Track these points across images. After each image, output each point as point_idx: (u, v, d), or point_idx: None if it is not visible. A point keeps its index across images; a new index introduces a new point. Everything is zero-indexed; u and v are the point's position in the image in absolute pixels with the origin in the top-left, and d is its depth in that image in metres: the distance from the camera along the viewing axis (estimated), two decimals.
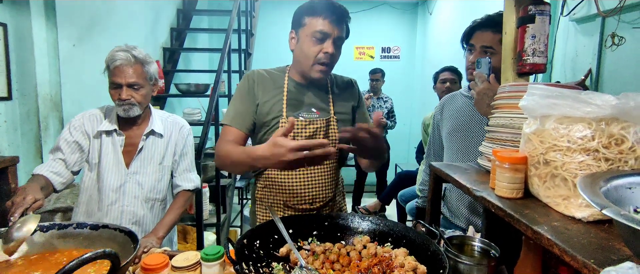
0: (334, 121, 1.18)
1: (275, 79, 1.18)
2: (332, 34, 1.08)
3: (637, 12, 1.63)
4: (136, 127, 1.35)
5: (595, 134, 0.58)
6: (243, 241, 0.80)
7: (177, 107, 3.75)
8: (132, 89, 1.26)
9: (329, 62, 1.10)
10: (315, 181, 1.17)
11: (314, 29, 1.07)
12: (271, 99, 1.14)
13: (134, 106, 1.27)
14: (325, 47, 1.08)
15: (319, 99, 1.18)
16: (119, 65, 1.23)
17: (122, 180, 1.30)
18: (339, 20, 1.09)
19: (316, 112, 1.16)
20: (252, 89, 1.15)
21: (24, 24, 1.88)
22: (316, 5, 1.09)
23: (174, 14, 3.73)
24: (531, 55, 0.94)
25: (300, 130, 1.13)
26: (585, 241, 0.52)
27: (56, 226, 0.94)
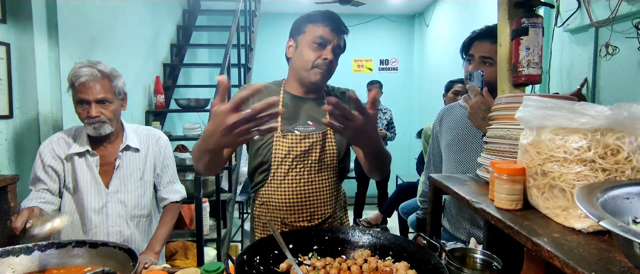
0: (331, 133, 1.16)
1: (271, 93, 1.17)
2: (333, 41, 1.11)
3: (629, 22, 1.66)
4: (110, 145, 1.30)
5: (591, 144, 0.59)
6: (243, 257, 0.80)
7: (178, 122, 3.76)
8: (101, 105, 1.21)
9: (327, 68, 1.12)
10: (314, 197, 1.15)
11: (315, 35, 1.10)
12: None
13: (104, 124, 1.22)
14: (324, 53, 1.10)
15: (316, 112, 1.17)
16: (84, 81, 1.18)
17: (103, 201, 1.26)
18: (339, 30, 1.12)
19: (312, 124, 1.15)
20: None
21: (27, 43, 1.91)
22: (318, 14, 1.13)
23: (173, 31, 3.79)
24: (526, 66, 0.96)
25: (296, 144, 1.11)
26: (585, 253, 0.52)
27: (55, 245, 0.93)
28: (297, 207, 1.14)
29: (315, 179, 1.15)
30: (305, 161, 1.13)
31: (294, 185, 1.13)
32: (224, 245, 2.60)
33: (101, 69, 1.22)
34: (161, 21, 3.44)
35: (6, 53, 1.83)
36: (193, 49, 4.17)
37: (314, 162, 1.13)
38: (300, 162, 1.12)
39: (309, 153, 1.13)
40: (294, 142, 1.11)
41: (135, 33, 2.93)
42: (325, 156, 1.15)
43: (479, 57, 1.22)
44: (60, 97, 2.07)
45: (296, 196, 1.13)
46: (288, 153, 1.11)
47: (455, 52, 4.50)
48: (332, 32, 1.11)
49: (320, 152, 1.14)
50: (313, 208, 1.15)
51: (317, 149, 1.13)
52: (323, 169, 1.16)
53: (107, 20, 2.53)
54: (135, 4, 2.93)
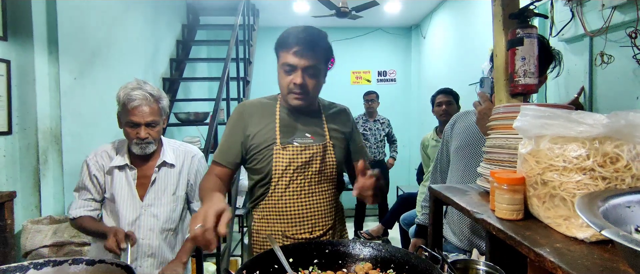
0: (330, 145, 1.17)
1: (267, 107, 1.18)
2: (299, 65, 1.07)
3: (622, 31, 1.68)
4: (148, 160, 1.36)
5: (590, 153, 0.59)
6: (242, 271, 0.78)
7: (177, 135, 3.76)
8: (150, 127, 1.28)
9: (300, 91, 1.10)
10: (315, 209, 1.15)
11: (283, 61, 1.09)
12: (264, 128, 1.14)
13: (150, 144, 1.30)
14: (294, 78, 1.08)
15: (313, 125, 1.18)
16: (137, 105, 1.25)
17: (137, 213, 1.31)
18: (305, 51, 1.07)
19: (310, 137, 1.15)
20: (241, 121, 1.16)
21: (27, 60, 1.92)
22: (285, 38, 1.09)
23: (173, 45, 3.82)
24: (522, 76, 0.96)
25: (296, 156, 1.11)
26: (589, 263, 0.51)
27: (51, 263, 0.92)
28: (299, 219, 1.13)
29: (316, 190, 1.15)
30: (305, 172, 1.13)
31: (296, 197, 1.13)
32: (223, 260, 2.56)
33: (151, 92, 1.28)
34: (160, 36, 3.48)
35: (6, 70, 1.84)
36: (192, 63, 4.20)
37: (314, 174, 1.14)
38: (301, 173, 1.13)
39: (309, 164, 1.13)
40: (294, 153, 1.11)
41: (135, 48, 2.96)
42: (325, 168, 1.16)
43: None
44: (59, 113, 2.07)
45: (297, 208, 1.13)
46: (289, 165, 1.11)
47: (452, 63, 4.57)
48: (298, 55, 1.06)
49: (321, 164, 1.14)
50: (314, 220, 1.15)
51: (318, 160, 1.14)
52: (323, 181, 1.16)
53: (106, 35, 2.56)
54: (134, 19, 2.96)
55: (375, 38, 5.58)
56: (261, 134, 1.14)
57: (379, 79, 5.66)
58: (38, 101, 1.95)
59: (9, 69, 1.84)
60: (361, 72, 5.62)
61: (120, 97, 1.26)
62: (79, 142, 2.19)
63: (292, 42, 1.07)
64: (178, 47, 3.89)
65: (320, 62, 1.11)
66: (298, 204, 1.13)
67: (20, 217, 1.83)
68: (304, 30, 1.09)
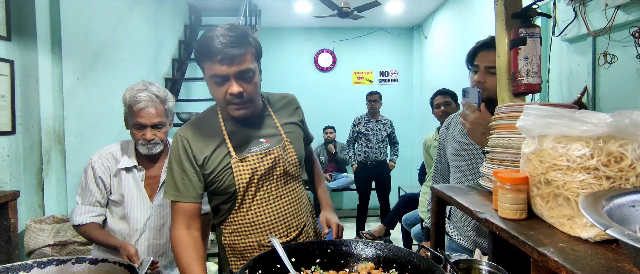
0: (288, 143, 1.10)
1: (209, 124, 1.08)
2: (229, 72, 0.95)
3: (626, 30, 1.67)
4: (156, 160, 1.36)
5: (594, 152, 0.58)
6: (245, 271, 0.78)
7: None
8: (156, 128, 1.28)
9: (240, 100, 0.99)
10: (286, 211, 1.09)
11: (210, 74, 0.97)
12: (214, 149, 1.04)
13: (157, 145, 1.29)
14: (229, 88, 0.97)
15: (265, 126, 1.10)
16: (143, 107, 1.24)
17: (148, 214, 1.31)
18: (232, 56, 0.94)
19: (266, 141, 1.07)
20: (187, 150, 1.04)
21: (31, 60, 1.93)
22: (205, 46, 0.96)
23: (175, 45, 3.84)
24: (525, 76, 0.96)
25: (257, 164, 1.03)
26: (593, 263, 0.51)
27: (54, 262, 0.92)
28: (272, 225, 1.07)
29: (283, 193, 1.09)
30: (270, 177, 1.06)
31: (265, 204, 1.06)
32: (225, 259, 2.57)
33: (157, 94, 1.27)
34: (163, 36, 3.50)
35: (10, 70, 1.85)
36: (194, 64, 4.20)
37: (279, 177, 1.07)
38: (266, 180, 1.06)
39: (273, 169, 1.06)
40: (255, 162, 1.03)
41: (138, 48, 2.97)
42: (288, 167, 1.09)
43: (484, 68, 1.22)
44: (62, 113, 2.08)
45: (268, 215, 1.06)
46: (252, 176, 1.03)
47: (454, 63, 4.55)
48: (225, 63, 0.94)
49: (284, 165, 1.08)
50: (288, 223, 1.10)
51: (281, 162, 1.06)
52: (289, 181, 1.11)
53: (109, 36, 2.57)
54: (137, 19, 2.97)
55: (377, 38, 5.58)
56: (214, 157, 1.03)
57: (380, 80, 5.66)
58: (41, 101, 1.96)
59: (12, 69, 1.85)
60: (363, 73, 5.62)
61: (126, 99, 1.26)
62: (82, 142, 2.20)
63: (215, 49, 0.94)
64: (180, 48, 3.90)
65: (252, 62, 0.99)
66: (268, 211, 1.06)
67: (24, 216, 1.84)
68: (224, 33, 0.96)
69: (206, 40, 0.97)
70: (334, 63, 5.52)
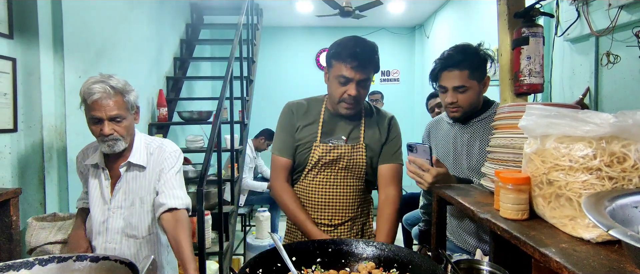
0: (362, 147, 1.26)
1: (313, 108, 1.30)
2: (354, 78, 1.15)
3: (629, 31, 1.66)
4: (120, 160, 1.27)
5: (597, 152, 0.58)
6: (245, 270, 0.78)
7: (180, 134, 3.78)
8: (114, 122, 1.19)
9: (352, 102, 1.20)
10: (337, 199, 1.26)
11: (337, 73, 1.16)
12: (308, 126, 1.27)
13: (118, 141, 1.20)
14: (348, 89, 1.17)
15: (351, 128, 1.28)
16: (97, 98, 1.15)
17: (105, 215, 1.25)
18: (362, 65, 1.14)
19: (344, 139, 1.26)
20: (291, 119, 1.29)
21: (33, 58, 1.93)
22: (342, 50, 1.16)
23: (177, 44, 3.83)
24: (528, 75, 0.96)
25: (326, 153, 1.24)
26: (595, 264, 0.51)
27: (55, 259, 0.92)
28: (321, 206, 1.27)
29: (340, 184, 1.27)
30: (333, 167, 1.26)
31: (321, 186, 1.26)
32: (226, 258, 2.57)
33: (113, 85, 1.18)
34: (165, 35, 3.50)
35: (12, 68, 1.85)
36: (196, 62, 4.21)
37: (340, 170, 1.26)
38: (328, 168, 1.26)
39: (337, 161, 1.25)
40: (324, 151, 1.24)
41: (139, 47, 2.97)
42: (353, 166, 1.26)
43: (452, 88, 1.20)
44: (64, 111, 2.08)
45: (321, 196, 1.26)
46: (319, 160, 1.25)
47: None
48: (354, 69, 1.14)
49: (348, 162, 1.25)
50: (335, 209, 1.27)
51: (345, 159, 1.25)
52: (349, 177, 1.27)
53: (111, 34, 2.57)
54: (139, 18, 2.98)
55: (378, 38, 5.56)
56: (305, 131, 1.27)
57: (382, 79, 5.65)
58: (43, 99, 1.96)
59: (14, 67, 1.86)
60: None
61: (82, 93, 1.17)
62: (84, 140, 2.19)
63: (350, 55, 1.14)
64: (182, 46, 3.90)
65: (372, 74, 1.21)
66: (322, 193, 1.26)
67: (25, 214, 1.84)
68: (360, 44, 1.16)
69: (345, 45, 1.16)
70: None
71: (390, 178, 1.29)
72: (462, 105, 1.21)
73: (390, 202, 1.27)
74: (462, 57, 1.16)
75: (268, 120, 5.30)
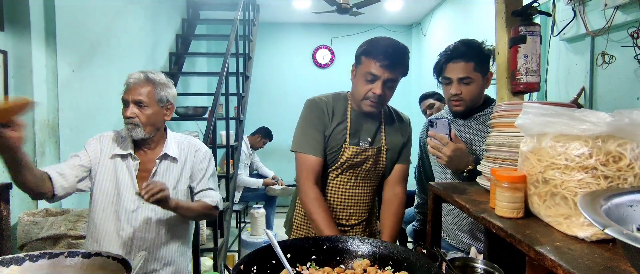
0: (384, 150, 1.26)
1: (340, 107, 1.26)
2: (382, 76, 1.14)
3: (624, 31, 1.67)
4: (150, 152, 1.33)
5: (593, 151, 0.58)
6: (240, 267, 0.78)
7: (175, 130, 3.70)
8: (138, 106, 1.24)
9: (376, 101, 1.18)
10: (355, 200, 1.27)
11: (366, 70, 1.15)
12: (338, 126, 1.24)
13: (137, 127, 1.25)
14: (374, 88, 1.15)
15: (373, 129, 1.27)
16: (131, 83, 1.26)
17: (136, 205, 1.28)
18: (392, 65, 1.14)
19: (369, 140, 1.26)
20: (322, 118, 1.23)
21: (24, 51, 1.90)
22: (373, 48, 1.16)
23: (172, 39, 3.80)
24: (524, 74, 0.96)
25: (353, 156, 1.22)
26: (589, 262, 0.51)
27: (47, 255, 0.91)
28: (339, 206, 1.27)
29: (360, 185, 1.27)
30: (355, 169, 1.25)
31: (341, 187, 1.26)
32: (220, 255, 2.56)
33: (149, 75, 1.27)
34: (160, 30, 3.46)
35: (3, 60, 1.82)
36: (192, 58, 4.18)
37: (362, 171, 1.26)
38: (352, 169, 1.25)
39: (361, 164, 1.24)
40: (353, 153, 1.22)
41: (134, 42, 2.94)
42: (374, 169, 1.27)
43: (457, 79, 1.21)
44: (57, 105, 2.05)
45: (341, 196, 1.26)
46: (345, 161, 1.23)
47: None
48: (383, 67, 1.13)
49: (371, 165, 1.25)
50: (353, 210, 1.27)
51: (370, 162, 1.25)
52: (368, 179, 1.28)
53: (106, 28, 2.54)
54: (134, 12, 2.94)
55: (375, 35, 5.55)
56: (336, 132, 1.23)
57: None
58: (35, 93, 1.93)
59: (5, 60, 1.83)
60: None
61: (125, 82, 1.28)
62: (77, 135, 2.18)
63: (381, 53, 1.13)
64: (177, 42, 3.87)
65: (400, 77, 1.20)
66: (342, 193, 1.26)
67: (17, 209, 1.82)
68: (393, 44, 1.16)
69: (377, 43, 1.16)
70: (332, 59, 5.49)
71: (400, 178, 1.33)
72: (465, 97, 1.21)
73: (399, 198, 1.31)
74: (468, 49, 1.18)
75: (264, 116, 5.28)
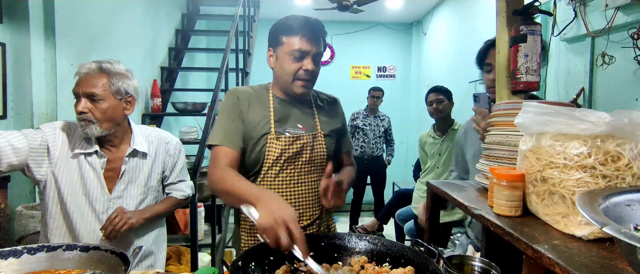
0: (321, 136, 1.18)
1: (260, 95, 1.16)
2: (311, 51, 1.09)
3: (624, 32, 1.67)
4: (115, 149, 1.24)
5: (591, 151, 0.58)
6: (238, 262, 0.78)
7: (174, 125, 3.74)
8: (91, 100, 1.12)
9: (309, 78, 1.11)
10: (303, 198, 1.15)
11: (291, 48, 1.08)
12: (258, 115, 1.12)
13: (91, 123, 1.13)
14: (304, 64, 1.09)
15: (305, 115, 1.18)
16: (82, 74, 1.13)
17: (105, 206, 1.21)
18: (316, 37, 1.10)
19: (302, 128, 1.15)
20: (237, 106, 1.12)
21: (23, 44, 1.89)
22: (292, 24, 1.09)
23: (172, 34, 3.78)
24: (524, 73, 0.96)
25: (288, 146, 1.11)
26: (587, 261, 0.51)
27: (45, 248, 0.91)
28: None
29: (305, 180, 1.15)
30: (295, 162, 1.13)
31: (285, 186, 1.12)
32: (218, 251, 2.57)
33: (102, 65, 1.15)
34: (160, 25, 3.44)
35: (2, 53, 1.81)
36: (191, 53, 4.16)
37: (303, 164, 1.14)
38: (291, 163, 1.13)
39: (300, 155, 1.13)
40: (286, 144, 1.11)
41: (134, 36, 2.92)
42: (315, 158, 1.16)
43: None
44: (55, 99, 2.05)
45: (286, 197, 1.12)
46: (280, 155, 1.11)
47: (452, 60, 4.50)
48: (310, 41, 1.08)
49: (311, 154, 1.15)
50: (302, 209, 1.15)
51: (308, 150, 1.14)
52: (312, 171, 1.17)
53: (105, 22, 2.52)
54: (134, 7, 2.92)
55: (375, 33, 5.55)
56: (255, 121, 1.11)
57: (378, 75, 5.64)
58: (34, 86, 1.92)
59: (4, 53, 1.82)
60: (361, 67, 5.60)
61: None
62: None
63: (303, 28, 1.08)
64: (177, 37, 3.85)
65: (323, 52, 1.14)
66: (287, 193, 1.12)
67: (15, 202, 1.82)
68: (307, 18, 1.10)
69: (293, 19, 1.09)
70: (332, 57, 5.49)
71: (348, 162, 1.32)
72: None
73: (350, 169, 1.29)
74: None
75: None
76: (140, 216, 1.21)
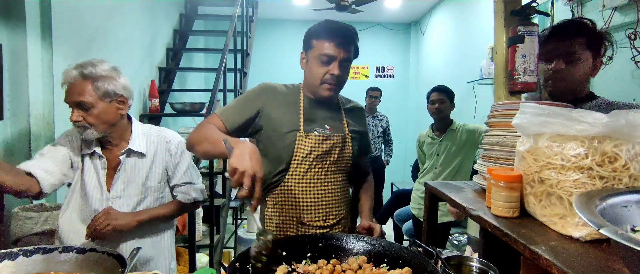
0: (349, 138, 1.21)
1: (291, 94, 1.21)
2: (338, 56, 1.12)
3: (621, 32, 1.68)
4: (114, 148, 1.25)
5: (589, 152, 0.58)
6: (236, 264, 0.78)
7: (172, 126, 3.73)
8: (82, 109, 1.15)
9: (335, 82, 1.15)
10: (330, 197, 1.18)
11: (320, 52, 1.12)
12: (286, 113, 1.17)
13: (86, 129, 1.16)
14: (330, 69, 1.13)
15: (333, 118, 1.22)
16: (67, 84, 1.16)
17: (104, 205, 1.22)
18: (344, 43, 1.13)
19: (329, 129, 1.19)
20: (258, 99, 1.17)
21: (20, 44, 1.88)
22: (322, 29, 1.14)
23: (170, 34, 3.77)
24: (522, 74, 0.96)
25: (317, 145, 1.14)
26: (583, 262, 0.51)
27: (41, 250, 0.90)
28: (315, 207, 1.16)
29: (331, 180, 1.19)
30: (324, 161, 1.17)
31: (312, 185, 1.16)
32: (216, 251, 2.56)
33: (83, 71, 1.15)
34: (158, 25, 3.43)
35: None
36: (189, 53, 4.15)
37: (331, 164, 1.18)
38: (319, 162, 1.16)
39: (328, 154, 1.17)
40: (316, 142, 1.14)
41: (132, 36, 2.91)
42: (342, 159, 1.20)
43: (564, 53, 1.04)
44: (52, 100, 2.04)
45: (314, 195, 1.16)
46: (309, 153, 1.14)
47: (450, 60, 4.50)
48: (338, 46, 1.11)
49: (339, 154, 1.18)
50: (329, 208, 1.18)
51: (337, 151, 1.17)
52: (338, 171, 1.21)
53: (103, 22, 2.51)
54: (132, 7, 2.91)
55: (374, 33, 5.55)
56: (283, 118, 1.15)
57: (376, 75, 5.65)
58: (31, 87, 1.91)
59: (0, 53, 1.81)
60: (359, 67, 5.60)
61: None
62: None
63: (332, 33, 1.12)
64: (175, 37, 3.84)
65: (352, 57, 1.18)
66: (314, 192, 1.16)
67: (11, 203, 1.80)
68: (341, 24, 1.14)
69: (326, 24, 1.14)
70: None
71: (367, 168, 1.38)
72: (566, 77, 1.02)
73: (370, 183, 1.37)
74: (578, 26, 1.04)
75: None
76: (133, 219, 1.20)
